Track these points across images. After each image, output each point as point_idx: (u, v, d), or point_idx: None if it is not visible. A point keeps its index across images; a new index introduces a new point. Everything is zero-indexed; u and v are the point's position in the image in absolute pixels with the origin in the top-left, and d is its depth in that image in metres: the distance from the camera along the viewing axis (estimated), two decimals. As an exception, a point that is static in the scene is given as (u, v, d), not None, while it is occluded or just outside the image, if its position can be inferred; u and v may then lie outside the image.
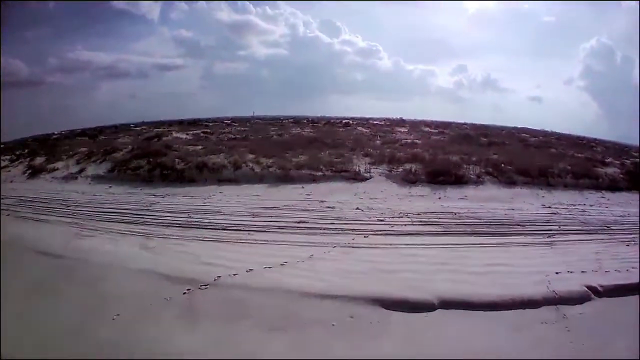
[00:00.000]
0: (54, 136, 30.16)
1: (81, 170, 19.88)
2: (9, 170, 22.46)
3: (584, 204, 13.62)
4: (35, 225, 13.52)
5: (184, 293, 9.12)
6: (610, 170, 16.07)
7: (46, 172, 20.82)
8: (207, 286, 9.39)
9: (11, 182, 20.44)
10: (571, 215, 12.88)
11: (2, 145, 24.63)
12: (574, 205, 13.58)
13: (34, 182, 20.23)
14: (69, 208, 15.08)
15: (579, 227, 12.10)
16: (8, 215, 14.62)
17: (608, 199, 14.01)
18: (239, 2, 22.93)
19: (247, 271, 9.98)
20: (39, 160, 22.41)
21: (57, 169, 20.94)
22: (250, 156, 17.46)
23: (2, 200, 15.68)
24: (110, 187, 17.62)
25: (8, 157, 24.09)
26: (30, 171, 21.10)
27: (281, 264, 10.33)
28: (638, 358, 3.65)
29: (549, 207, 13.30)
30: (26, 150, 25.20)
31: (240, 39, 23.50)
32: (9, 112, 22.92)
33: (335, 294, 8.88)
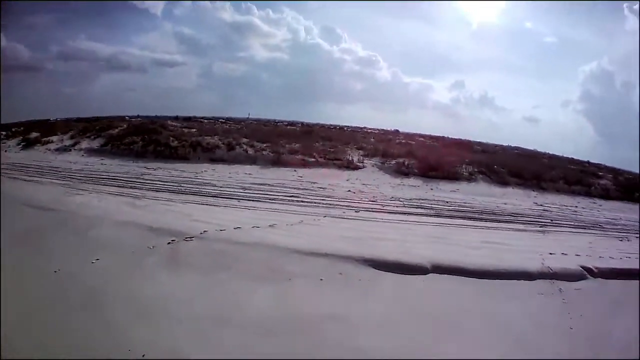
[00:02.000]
0: (51, 121, 30.10)
1: (75, 144, 19.72)
2: (4, 143, 22.30)
3: (576, 207, 13.61)
4: (26, 185, 13.38)
5: (169, 243, 8.97)
6: (602, 182, 16.12)
7: (40, 144, 20.68)
8: (193, 239, 9.22)
9: (5, 151, 20.32)
10: (563, 214, 12.86)
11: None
12: (566, 206, 13.57)
13: (27, 152, 20.24)
14: (60, 173, 14.99)
15: (572, 223, 12.07)
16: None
17: (600, 205, 14.03)
18: (242, 2, 22.95)
19: (234, 228, 9.84)
20: (34, 134, 22.28)
21: (52, 141, 20.77)
22: (244, 140, 17.27)
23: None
24: (103, 159, 17.43)
25: (4, 132, 23.94)
26: (24, 143, 20.85)
27: (270, 225, 10.22)
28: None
29: (541, 205, 13.27)
30: (22, 128, 24.99)
31: (242, 40, 23.60)
32: (7, 95, 22.67)
33: (325, 252, 8.69)
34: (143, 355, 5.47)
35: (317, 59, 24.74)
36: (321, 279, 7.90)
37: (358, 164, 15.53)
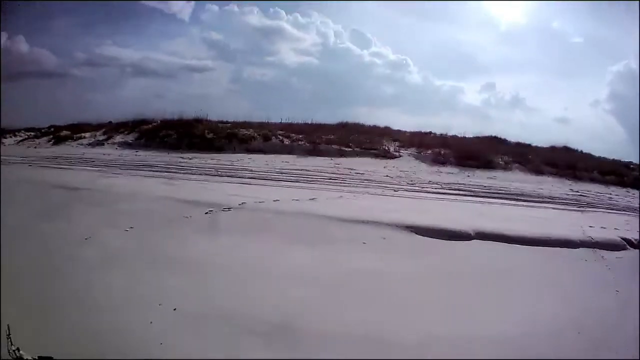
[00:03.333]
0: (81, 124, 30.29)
1: (108, 138, 19.94)
2: (34, 141, 22.50)
3: (610, 194, 13.63)
4: (57, 171, 13.65)
5: (206, 213, 9.19)
6: (635, 173, 16.09)
7: (72, 139, 20.79)
8: (231, 209, 9.46)
9: (35, 147, 20.50)
10: (599, 198, 12.92)
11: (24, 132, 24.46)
12: (601, 193, 13.60)
13: (58, 147, 20.18)
14: (93, 163, 15.25)
15: (607, 207, 12.12)
16: (30, 165, 14.75)
17: (633, 194, 14.01)
18: (270, 7, 23.19)
19: (273, 201, 10.12)
20: (64, 132, 22.32)
21: (84, 137, 20.92)
22: (280, 132, 17.67)
23: (25, 159, 15.89)
24: (137, 151, 17.68)
25: (33, 133, 24.02)
26: (54, 140, 21.01)
27: (310, 199, 10.49)
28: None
29: (577, 192, 13.34)
30: (52, 129, 25.21)
31: (271, 45, 23.84)
32: (33, 101, 23.07)
33: (367, 220, 8.93)
34: (174, 309, 5.78)
35: (347, 63, 24.90)
36: (364, 242, 8.14)
37: (394, 153, 15.76)
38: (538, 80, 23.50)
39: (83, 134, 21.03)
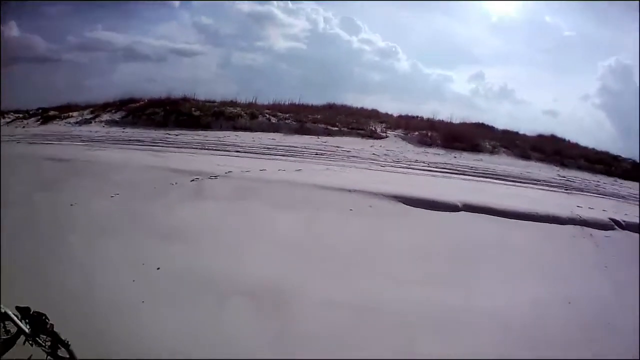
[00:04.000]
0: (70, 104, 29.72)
1: (95, 117, 19.60)
2: (22, 121, 22.15)
3: (598, 181, 13.59)
4: (47, 147, 13.51)
5: (192, 180, 9.05)
6: (622, 164, 16.04)
7: (59, 119, 20.47)
8: (217, 177, 9.30)
9: (24, 127, 20.17)
10: (586, 185, 12.85)
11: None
12: (588, 180, 13.55)
13: (46, 126, 19.94)
14: (80, 139, 14.96)
15: (594, 192, 12.05)
16: (18, 142, 14.45)
17: (621, 183, 13.99)
18: None
19: (260, 170, 9.98)
20: (52, 112, 22.03)
21: (71, 116, 20.60)
22: (267, 111, 17.38)
23: (13, 137, 15.57)
24: (124, 129, 17.41)
25: (21, 114, 23.61)
26: (42, 119, 20.68)
27: (296, 170, 10.35)
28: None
29: (564, 177, 13.27)
30: (40, 110, 24.70)
31: (260, 30, 23.46)
32: (25, 86, 22.44)
33: (354, 189, 8.77)
34: (158, 268, 5.61)
35: (336, 49, 24.50)
36: (350, 209, 7.99)
37: (381, 133, 15.55)
38: (528, 72, 23.37)
39: (70, 113, 20.65)
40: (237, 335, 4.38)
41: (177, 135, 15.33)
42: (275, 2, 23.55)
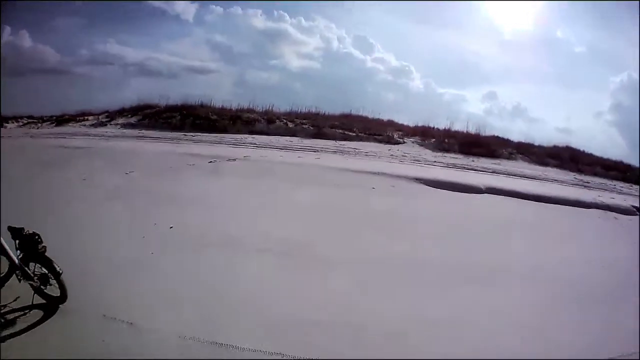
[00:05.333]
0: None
1: (111, 120, 19.79)
2: (35, 125, 22.38)
3: (615, 185, 13.59)
4: (60, 140, 13.75)
5: (210, 162, 9.19)
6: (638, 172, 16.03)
7: (75, 122, 20.64)
8: (235, 160, 9.43)
9: (37, 128, 20.39)
10: (603, 187, 12.84)
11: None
12: (604, 183, 13.56)
13: (61, 128, 20.15)
14: (95, 138, 15.14)
15: (612, 192, 12.04)
16: (31, 137, 14.69)
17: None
18: (274, 10, 23.21)
19: (279, 156, 10.06)
20: (67, 116, 22.18)
21: (87, 119, 20.78)
22: (284, 117, 17.57)
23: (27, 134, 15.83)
24: (141, 131, 17.61)
25: (34, 120, 23.87)
26: (56, 123, 20.84)
27: (315, 158, 10.43)
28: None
29: (581, 180, 13.28)
30: (53, 117, 24.92)
31: (274, 49, 23.73)
32: (34, 98, 22.72)
33: (375, 172, 8.86)
34: (171, 227, 5.83)
35: (349, 68, 24.76)
36: (373, 188, 8.07)
37: (398, 139, 15.66)
38: (540, 89, 23.41)
39: (86, 117, 20.82)
40: (253, 285, 4.60)
41: (193, 136, 15.49)
42: (288, 19, 23.95)
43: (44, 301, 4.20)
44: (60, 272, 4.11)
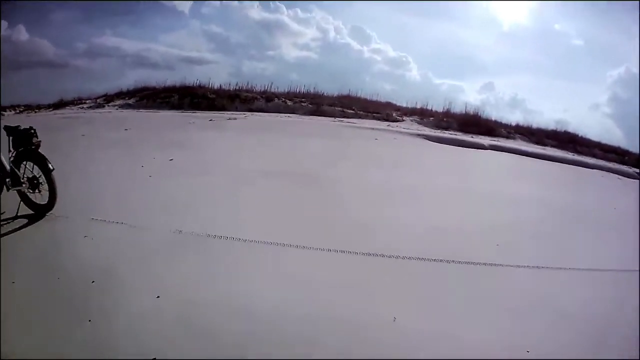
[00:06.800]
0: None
1: (108, 102, 19.73)
2: (32, 111, 22.39)
3: (613, 165, 13.66)
4: (57, 116, 14.11)
5: (210, 120, 9.25)
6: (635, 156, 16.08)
7: (72, 105, 20.60)
8: (236, 119, 9.49)
9: (35, 112, 20.35)
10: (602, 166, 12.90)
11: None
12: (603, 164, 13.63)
13: (58, 111, 20.15)
14: (93, 119, 15.17)
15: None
16: (28, 115, 14.81)
17: (635, 170, 14.08)
18: (270, 1, 23.21)
19: (280, 119, 10.06)
20: (64, 102, 22.15)
21: (85, 102, 20.73)
22: (283, 96, 17.59)
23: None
24: (139, 110, 17.58)
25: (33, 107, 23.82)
26: (54, 107, 20.79)
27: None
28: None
29: (580, 160, 13.34)
30: (50, 105, 24.80)
31: (271, 39, 23.68)
32: (33, 90, 22.63)
33: (377, 128, 8.89)
34: (171, 159, 5.92)
35: (346, 59, 24.82)
36: (376, 139, 8.10)
37: (397, 117, 15.68)
38: (538, 81, 23.56)
39: (84, 101, 20.77)
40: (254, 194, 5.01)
41: (193, 112, 15.48)
42: (285, 10, 23.96)
43: (32, 212, 4.16)
44: (52, 168, 4.06)
